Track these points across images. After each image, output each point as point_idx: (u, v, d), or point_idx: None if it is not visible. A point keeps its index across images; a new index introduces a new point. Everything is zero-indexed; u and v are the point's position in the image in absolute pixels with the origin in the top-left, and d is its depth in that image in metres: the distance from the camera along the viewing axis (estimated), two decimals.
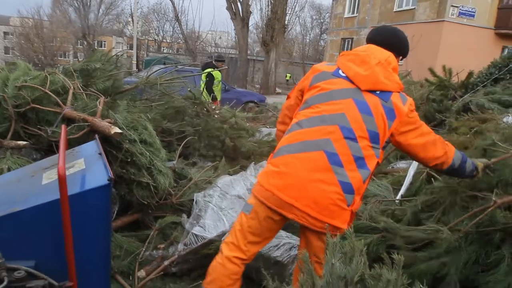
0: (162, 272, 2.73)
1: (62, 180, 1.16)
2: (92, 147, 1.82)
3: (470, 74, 5.18)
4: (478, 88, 4.92)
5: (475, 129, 3.05)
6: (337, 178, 1.67)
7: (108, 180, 1.31)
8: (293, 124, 1.81)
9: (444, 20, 17.26)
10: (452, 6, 17.16)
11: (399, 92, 1.81)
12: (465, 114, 4.24)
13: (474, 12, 17.58)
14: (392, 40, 1.92)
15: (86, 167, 1.50)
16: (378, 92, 1.74)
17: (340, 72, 1.79)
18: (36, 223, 1.28)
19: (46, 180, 1.49)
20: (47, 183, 1.44)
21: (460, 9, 17.25)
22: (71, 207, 1.22)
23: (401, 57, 1.98)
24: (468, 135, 2.98)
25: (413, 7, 19.32)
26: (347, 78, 1.76)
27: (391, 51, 1.86)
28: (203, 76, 7.34)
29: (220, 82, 7.84)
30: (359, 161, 1.70)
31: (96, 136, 1.99)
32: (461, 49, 16.38)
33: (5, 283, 1.18)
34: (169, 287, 2.72)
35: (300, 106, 1.88)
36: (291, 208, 1.68)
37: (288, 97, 2.05)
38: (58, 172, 1.16)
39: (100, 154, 1.60)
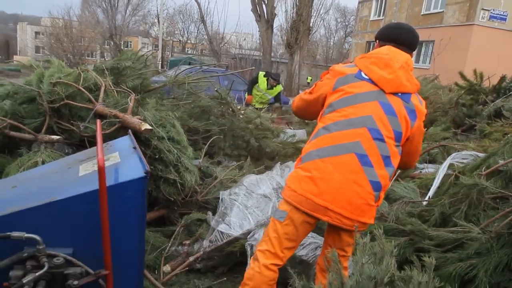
0: (187, 268, 2.76)
1: (101, 171, 1.20)
2: (126, 141, 1.86)
3: (503, 78, 5.05)
4: (511, 93, 4.77)
5: (509, 135, 2.96)
6: (368, 178, 1.73)
7: (145, 172, 1.35)
8: (320, 129, 1.81)
9: (474, 24, 16.82)
10: (483, 9, 16.71)
11: (416, 93, 1.89)
12: (497, 119, 4.14)
13: (506, 16, 17.07)
14: (412, 40, 1.94)
15: (122, 160, 1.55)
16: (400, 94, 1.80)
17: (363, 74, 1.81)
18: (75, 212, 1.33)
19: (83, 171, 1.54)
20: (84, 175, 1.49)
21: (491, 12, 16.77)
22: (109, 198, 1.26)
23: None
24: (501, 141, 2.90)
25: (441, 10, 18.91)
26: (371, 80, 1.79)
27: (409, 50, 1.91)
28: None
29: (265, 95, 7.70)
30: (386, 160, 1.77)
31: (130, 131, 2.04)
32: (491, 53, 15.93)
33: (45, 268, 1.23)
34: (193, 283, 2.74)
35: (323, 109, 1.89)
36: (326, 211, 1.71)
37: (310, 93, 2.01)
38: (98, 163, 1.19)
39: (135, 148, 1.64)
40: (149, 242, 2.87)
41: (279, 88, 7.72)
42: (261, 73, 7.53)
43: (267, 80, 7.45)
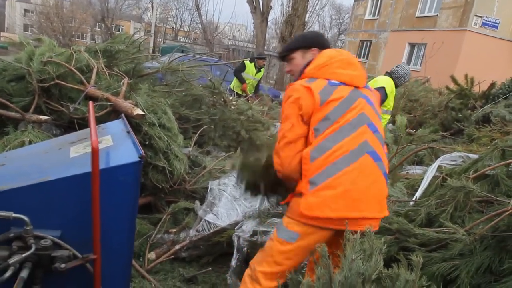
0: (172, 256, 2.75)
1: (95, 153, 1.17)
2: (119, 125, 1.83)
3: (493, 84, 5.13)
4: (500, 99, 4.85)
5: (497, 140, 3.01)
6: (382, 172, 1.77)
7: (139, 157, 1.32)
8: (321, 143, 1.69)
9: (466, 29, 17.00)
10: (476, 15, 16.88)
11: None
12: (485, 124, 4.20)
13: (498, 24, 17.28)
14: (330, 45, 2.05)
15: (115, 143, 1.51)
16: (366, 85, 1.90)
17: (334, 81, 1.79)
18: (65, 194, 1.30)
19: (74, 153, 1.50)
20: (76, 156, 1.46)
21: (484, 19, 16.96)
22: (101, 181, 1.23)
23: None
24: (488, 147, 2.94)
25: (435, 14, 19.06)
26: (343, 83, 1.79)
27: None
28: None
29: (255, 80, 7.59)
30: (384, 148, 1.85)
31: (122, 115, 2.00)
32: (481, 59, 16.13)
33: (32, 249, 1.20)
34: (178, 271, 2.73)
35: (313, 126, 1.73)
36: (359, 221, 1.65)
37: (293, 126, 1.76)
38: (91, 145, 1.17)
39: (128, 132, 1.61)
40: (135, 229, 2.84)
41: (263, 71, 7.71)
42: (246, 61, 7.49)
43: (254, 64, 7.39)
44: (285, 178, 1.83)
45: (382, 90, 4.48)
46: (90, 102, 1.78)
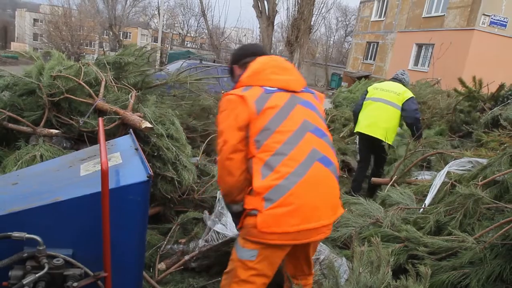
0: (181, 267, 2.77)
1: (104, 175, 1.20)
2: (127, 141, 1.86)
3: (502, 86, 5.07)
4: (509, 101, 4.80)
5: (506, 144, 2.99)
6: (334, 175, 1.76)
7: (147, 177, 1.35)
8: (270, 158, 1.63)
9: (474, 29, 16.86)
10: (484, 14, 16.75)
11: None
12: (494, 127, 4.16)
13: (506, 22, 17.12)
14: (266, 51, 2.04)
15: (123, 161, 1.55)
16: (304, 89, 1.87)
17: (269, 88, 1.75)
18: (76, 213, 1.33)
19: (84, 171, 1.54)
20: (86, 175, 1.49)
21: (492, 18, 16.81)
22: (111, 201, 1.26)
23: None
24: (498, 151, 2.92)
25: (442, 14, 18.94)
26: (280, 89, 1.76)
27: None
28: None
29: None
30: (333, 149, 1.85)
31: (131, 130, 2.03)
32: (490, 59, 16.00)
33: (45, 269, 1.23)
34: (188, 282, 2.75)
35: (251, 140, 1.68)
36: (320, 230, 1.67)
37: (225, 142, 1.69)
38: (101, 167, 1.19)
39: (136, 149, 1.64)
40: (146, 246, 2.87)
41: None
42: None
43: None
44: (225, 193, 1.77)
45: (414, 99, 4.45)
46: (100, 119, 1.81)
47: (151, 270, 2.72)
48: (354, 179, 4.86)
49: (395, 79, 4.72)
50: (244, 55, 1.96)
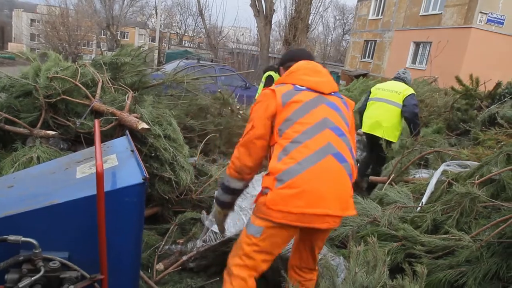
0: (180, 267, 2.78)
1: (99, 178, 1.20)
2: (123, 143, 1.86)
3: (498, 84, 5.09)
4: (506, 99, 4.82)
5: (502, 143, 3.00)
6: (347, 173, 1.83)
7: (143, 179, 1.35)
8: (287, 145, 1.79)
9: (471, 27, 16.87)
10: (481, 12, 16.75)
11: None
12: (491, 125, 4.17)
13: (504, 20, 17.12)
14: (313, 58, 2.19)
15: (119, 163, 1.55)
16: (333, 93, 2.00)
17: (299, 86, 1.92)
18: (72, 216, 1.33)
19: (80, 174, 1.54)
20: (82, 177, 1.49)
21: (489, 16, 16.82)
22: (106, 203, 1.26)
23: None
24: (495, 149, 2.93)
25: (439, 12, 18.95)
26: (309, 89, 1.92)
27: None
28: (263, 78, 7.21)
29: None
30: (351, 151, 1.92)
31: (127, 132, 2.03)
32: (487, 57, 16.01)
33: (41, 272, 1.23)
34: (186, 282, 2.75)
35: (276, 128, 1.85)
36: (324, 218, 1.74)
37: (253, 128, 1.89)
38: (96, 170, 1.19)
39: (132, 151, 1.64)
40: (143, 240, 2.87)
41: None
42: (271, 72, 7.39)
43: (279, 73, 7.25)
44: (236, 170, 1.94)
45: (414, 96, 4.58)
46: (96, 121, 1.81)
47: (149, 271, 2.72)
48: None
49: (397, 78, 4.84)
50: (289, 59, 2.19)
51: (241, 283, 1.81)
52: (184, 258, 2.78)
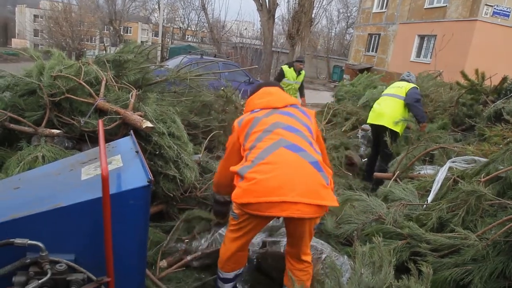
0: (183, 268, 2.78)
1: (105, 181, 1.20)
2: (128, 143, 1.86)
3: (504, 79, 5.04)
4: None
5: (508, 139, 2.97)
6: (307, 160, 1.95)
7: (148, 181, 1.35)
8: (246, 153, 2.07)
9: (476, 19, 16.71)
10: (486, 5, 16.58)
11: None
12: (496, 120, 4.14)
13: (509, 12, 16.95)
14: (270, 83, 2.53)
15: (124, 165, 1.55)
16: (289, 105, 2.27)
17: (254, 110, 2.24)
18: (78, 218, 1.33)
19: (85, 175, 1.54)
20: (87, 179, 1.49)
21: (495, 8, 16.64)
22: (112, 205, 1.26)
23: None
24: (501, 146, 2.90)
25: (444, 4, 18.77)
26: (262, 109, 2.21)
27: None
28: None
29: (296, 83, 7.25)
30: (312, 145, 2.07)
31: (131, 131, 2.03)
32: (493, 50, 15.87)
33: (48, 275, 1.23)
34: (190, 279, 2.76)
35: (241, 143, 2.18)
36: (283, 206, 1.82)
37: (227, 149, 2.34)
38: (101, 173, 1.19)
39: (137, 152, 1.64)
40: (148, 238, 2.88)
41: (304, 73, 7.47)
42: (284, 67, 7.33)
43: (293, 68, 7.19)
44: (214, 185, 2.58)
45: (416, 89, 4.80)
46: (100, 121, 1.81)
47: (153, 267, 2.73)
48: (365, 169, 5.37)
49: (402, 80, 5.12)
50: (251, 92, 2.47)
51: (225, 249, 2.22)
52: (188, 258, 2.79)
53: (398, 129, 4.69)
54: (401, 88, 4.82)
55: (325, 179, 1.93)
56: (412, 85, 4.80)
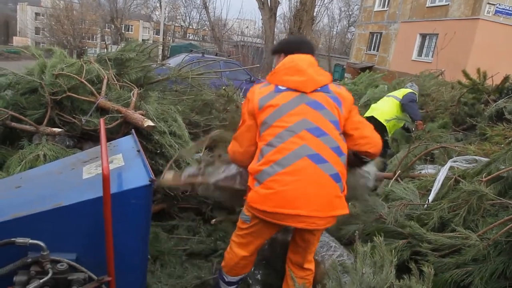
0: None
1: (106, 180, 1.20)
2: (129, 142, 1.86)
3: (506, 78, 5.02)
4: None
5: (510, 139, 2.96)
6: (327, 173, 1.84)
7: (149, 181, 1.35)
8: (263, 147, 1.89)
9: (479, 18, 16.65)
10: (489, 3, 16.51)
11: (331, 82, 2.07)
12: (498, 120, 4.13)
13: None
14: (304, 48, 2.13)
15: (125, 164, 1.55)
16: (319, 89, 1.97)
17: (280, 87, 1.96)
18: (79, 218, 1.33)
19: (87, 174, 1.54)
20: (88, 178, 1.49)
21: (497, 7, 16.58)
22: (113, 205, 1.26)
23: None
24: (502, 145, 2.89)
25: (447, 3, 18.70)
26: (289, 89, 1.94)
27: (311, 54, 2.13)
28: None
29: None
30: (337, 150, 1.90)
31: (133, 131, 2.03)
32: (495, 49, 15.82)
33: (50, 275, 1.24)
34: (190, 276, 2.75)
35: (258, 128, 1.96)
36: (299, 218, 1.81)
37: (243, 122, 2.05)
38: (102, 172, 1.19)
39: (138, 151, 1.64)
40: (148, 249, 2.87)
41: None
42: None
43: None
44: (232, 161, 2.22)
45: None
46: (101, 120, 1.81)
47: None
48: None
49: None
50: (281, 50, 2.18)
51: (232, 255, 2.10)
52: (199, 179, 2.60)
53: (388, 124, 4.89)
54: (399, 91, 5.35)
55: (340, 188, 1.90)
56: (411, 90, 5.23)
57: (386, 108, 5.08)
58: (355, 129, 2.03)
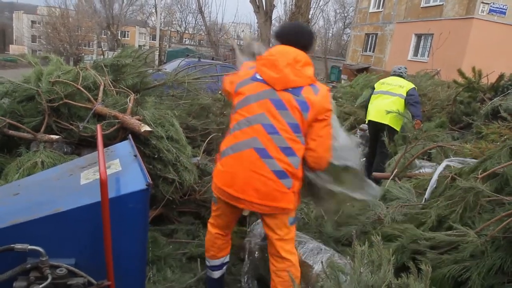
0: None
1: (103, 185, 1.21)
2: (126, 147, 1.87)
3: (501, 76, 5.06)
4: (509, 91, 4.79)
5: (505, 137, 2.99)
6: (270, 169, 1.95)
7: (146, 185, 1.36)
8: (230, 128, 2.08)
9: (473, 17, 16.74)
10: (483, 2, 16.61)
11: (310, 84, 2.03)
12: (494, 118, 4.15)
13: (506, 10, 16.97)
14: (297, 38, 2.11)
15: (123, 169, 1.56)
16: (290, 89, 1.99)
17: (257, 75, 2.04)
18: (78, 223, 1.34)
19: (84, 180, 1.55)
20: (86, 183, 1.50)
21: (491, 6, 16.68)
22: (111, 209, 1.27)
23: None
24: (498, 143, 2.92)
25: (441, 3, 18.80)
26: (263, 80, 2.01)
27: (298, 48, 2.07)
28: None
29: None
30: (287, 150, 1.97)
31: (129, 136, 2.05)
32: (490, 48, 15.89)
33: (49, 280, 1.24)
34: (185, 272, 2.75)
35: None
36: (238, 200, 1.99)
37: (231, 82, 2.18)
38: (100, 177, 1.21)
39: (135, 156, 1.65)
40: (149, 241, 2.89)
41: None
42: None
43: None
44: None
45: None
46: (98, 126, 1.83)
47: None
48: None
49: (395, 74, 5.23)
50: (277, 37, 2.19)
51: (208, 236, 2.31)
52: None
53: (398, 128, 4.80)
54: (401, 87, 4.96)
55: (286, 185, 1.98)
56: (412, 85, 4.98)
57: (390, 109, 4.76)
58: (312, 140, 2.05)
